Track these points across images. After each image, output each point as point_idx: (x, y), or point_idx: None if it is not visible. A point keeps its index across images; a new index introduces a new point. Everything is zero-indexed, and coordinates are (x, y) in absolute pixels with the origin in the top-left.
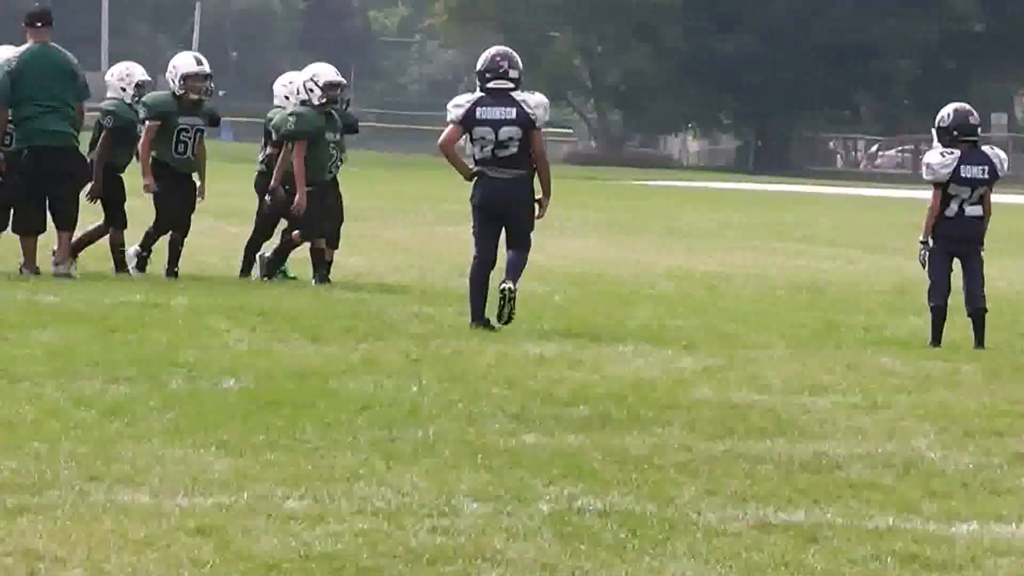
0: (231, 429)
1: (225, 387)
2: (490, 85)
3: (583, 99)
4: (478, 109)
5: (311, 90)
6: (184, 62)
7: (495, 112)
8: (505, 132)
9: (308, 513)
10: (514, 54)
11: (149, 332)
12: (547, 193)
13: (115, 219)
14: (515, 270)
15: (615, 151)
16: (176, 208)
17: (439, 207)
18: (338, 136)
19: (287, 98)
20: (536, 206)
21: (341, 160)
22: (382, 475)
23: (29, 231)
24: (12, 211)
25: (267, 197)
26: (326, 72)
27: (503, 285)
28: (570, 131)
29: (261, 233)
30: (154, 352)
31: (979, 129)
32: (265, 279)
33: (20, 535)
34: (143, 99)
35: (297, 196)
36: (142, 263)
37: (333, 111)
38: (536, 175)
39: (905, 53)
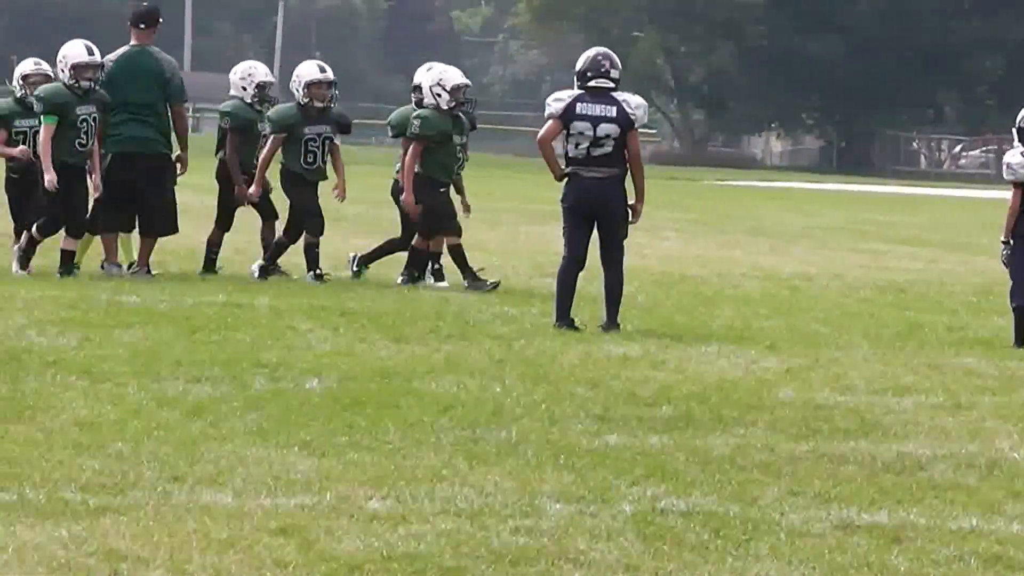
0: (314, 429)
1: (308, 387)
2: (591, 84)
3: (666, 99)
4: (578, 104)
5: (439, 95)
6: (307, 71)
7: (596, 108)
8: (603, 129)
9: (391, 514)
10: (614, 55)
11: (232, 332)
12: (640, 197)
13: (222, 219)
14: (614, 310)
15: (698, 151)
16: (319, 207)
17: (522, 207)
18: (465, 138)
19: None
20: (629, 212)
21: (466, 159)
22: (465, 475)
23: (109, 230)
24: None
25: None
26: (452, 75)
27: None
28: (654, 131)
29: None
30: (237, 352)
31: None
32: (475, 286)
33: (103, 535)
34: (268, 115)
35: (404, 195)
36: (318, 275)
37: (460, 113)
38: (628, 177)
39: (990, 53)
